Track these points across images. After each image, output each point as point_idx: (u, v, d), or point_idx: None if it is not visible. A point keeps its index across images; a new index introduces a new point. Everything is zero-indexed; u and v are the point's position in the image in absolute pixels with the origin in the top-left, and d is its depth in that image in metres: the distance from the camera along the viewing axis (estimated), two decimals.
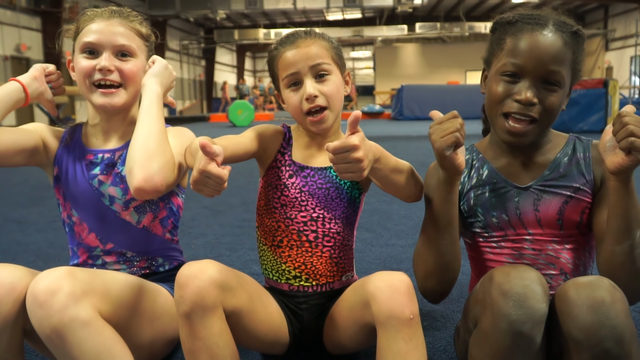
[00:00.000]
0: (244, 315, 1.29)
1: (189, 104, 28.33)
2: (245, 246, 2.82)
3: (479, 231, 1.33)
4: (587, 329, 0.98)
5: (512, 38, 1.22)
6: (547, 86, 1.20)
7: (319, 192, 1.46)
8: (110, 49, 1.39)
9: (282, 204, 1.47)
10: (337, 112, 1.45)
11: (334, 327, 1.40)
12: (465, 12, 25.83)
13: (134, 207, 1.44)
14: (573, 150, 1.29)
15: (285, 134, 1.52)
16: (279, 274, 1.49)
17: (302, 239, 1.46)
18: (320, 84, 1.41)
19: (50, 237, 3.14)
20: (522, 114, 1.20)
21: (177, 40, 26.30)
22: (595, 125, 9.39)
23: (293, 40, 1.43)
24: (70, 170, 1.46)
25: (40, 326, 1.10)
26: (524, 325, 1.00)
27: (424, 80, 25.05)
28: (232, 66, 34.78)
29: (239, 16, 26.04)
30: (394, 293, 1.16)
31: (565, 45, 1.20)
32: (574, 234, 1.26)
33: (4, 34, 14.85)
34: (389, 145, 3.02)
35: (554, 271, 1.25)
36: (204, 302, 1.16)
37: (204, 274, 1.17)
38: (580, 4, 24.84)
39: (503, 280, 1.04)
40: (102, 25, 1.39)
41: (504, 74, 1.22)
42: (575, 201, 1.25)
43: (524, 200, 1.28)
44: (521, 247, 1.28)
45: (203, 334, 1.17)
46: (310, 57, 1.40)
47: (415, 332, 1.17)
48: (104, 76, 1.38)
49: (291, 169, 1.48)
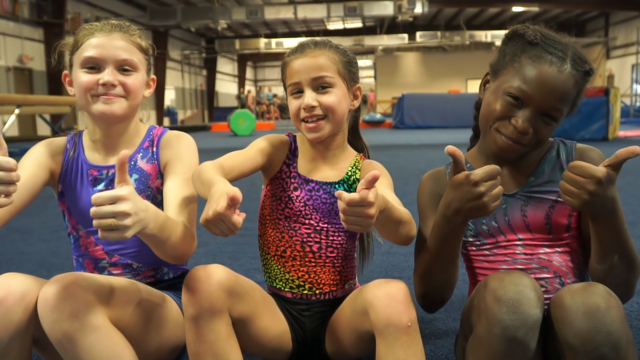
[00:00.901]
0: (250, 322, 1.31)
1: (191, 114, 28.40)
2: (247, 255, 2.83)
3: (471, 240, 1.35)
4: (582, 336, 0.99)
5: (528, 61, 1.21)
6: (545, 119, 1.22)
7: (323, 206, 1.46)
8: (112, 63, 1.38)
9: (286, 216, 1.47)
10: (336, 124, 1.44)
11: (335, 335, 1.41)
12: (465, 21, 25.92)
13: None
14: (557, 155, 1.31)
15: (291, 144, 1.53)
16: (282, 282, 1.49)
17: (305, 250, 1.46)
18: (321, 95, 1.41)
19: (53, 246, 3.15)
20: (514, 140, 1.22)
21: (178, 50, 26.40)
22: (597, 133, 9.41)
23: (302, 49, 1.44)
24: (75, 187, 1.46)
25: (52, 330, 1.12)
26: (518, 331, 1.01)
27: (425, 89, 25.11)
28: (234, 75, 34.89)
29: (240, 26, 26.16)
30: (392, 301, 1.17)
31: (574, 86, 1.21)
32: (564, 237, 1.28)
33: (7, 45, 14.94)
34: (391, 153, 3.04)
35: (547, 274, 1.27)
36: (212, 306, 1.18)
37: (213, 278, 1.19)
38: (581, 12, 24.93)
39: (497, 287, 1.05)
40: (104, 39, 1.38)
41: (509, 95, 1.22)
42: (560, 205, 1.27)
43: (512, 207, 1.29)
44: (513, 252, 1.29)
45: (209, 337, 1.19)
46: (314, 68, 1.40)
47: (413, 339, 1.17)
48: (107, 91, 1.37)
49: (296, 182, 1.48)
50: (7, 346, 1.15)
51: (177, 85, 26.78)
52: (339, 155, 1.52)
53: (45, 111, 11.29)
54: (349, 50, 1.50)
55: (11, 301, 1.14)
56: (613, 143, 9.10)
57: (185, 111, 27.82)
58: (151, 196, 1.46)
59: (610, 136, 9.60)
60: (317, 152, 1.50)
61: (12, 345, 1.15)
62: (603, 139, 9.42)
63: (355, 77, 1.49)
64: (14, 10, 15.06)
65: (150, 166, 1.47)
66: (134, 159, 1.47)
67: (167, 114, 24.47)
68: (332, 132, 1.45)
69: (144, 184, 1.45)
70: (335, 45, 1.47)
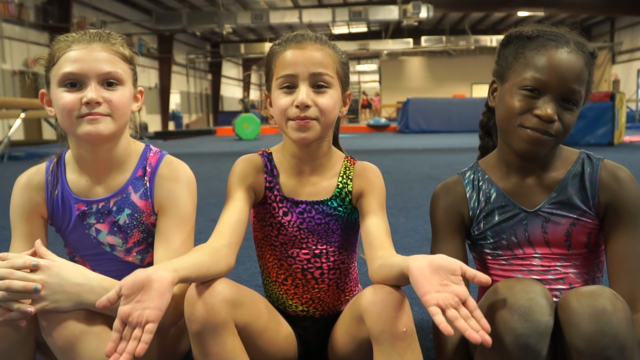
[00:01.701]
0: (254, 332, 1.27)
1: (196, 118, 28.46)
2: (252, 259, 2.81)
3: (488, 252, 1.32)
4: (588, 338, 0.98)
5: (533, 53, 1.20)
6: (566, 104, 1.19)
7: (319, 228, 1.38)
8: (95, 78, 1.24)
9: (281, 243, 1.41)
10: (325, 129, 1.33)
11: (337, 344, 1.38)
12: (470, 25, 25.91)
13: (136, 251, 1.40)
14: (582, 172, 1.26)
15: (266, 165, 1.41)
16: (285, 305, 1.46)
17: (307, 277, 1.41)
18: (317, 95, 1.29)
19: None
20: (541, 130, 1.18)
21: (183, 55, 26.48)
22: (602, 138, 9.37)
23: (300, 40, 1.31)
24: (66, 223, 1.38)
25: (52, 338, 1.11)
26: (530, 339, 1.00)
27: (430, 94, 25.08)
28: (239, 80, 34.96)
29: (245, 30, 26.23)
30: (386, 307, 1.13)
31: (585, 65, 1.19)
32: (582, 252, 1.26)
33: (13, 49, 15.00)
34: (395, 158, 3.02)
35: (563, 286, 1.25)
36: (215, 319, 1.13)
37: (215, 290, 1.15)
38: (587, 17, 24.89)
39: (508, 294, 1.04)
40: (83, 52, 1.24)
41: (524, 88, 1.19)
42: (582, 223, 1.24)
43: (533, 223, 1.27)
44: (530, 264, 1.27)
45: (215, 350, 1.15)
46: (314, 63, 1.28)
47: (409, 345, 1.14)
48: (92, 109, 1.23)
49: (284, 206, 1.39)
50: (12, 351, 1.14)
51: (182, 89, 26.84)
52: (326, 164, 1.41)
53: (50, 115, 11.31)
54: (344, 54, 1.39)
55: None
56: (619, 148, 9.06)
57: (191, 115, 27.87)
58: (146, 231, 1.39)
59: (616, 141, 9.55)
60: (303, 164, 1.39)
61: (17, 350, 1.14)
62: (609, 144, 9.38)
63: (348, 81, 1.39)
64: (20, 15, 15.13)
65: (143, 202, 1.36)
66: (126, 192, 1.36)
67: (172, 118, 24.52)
68: (319, 137, 1.34)
69: (137, 220, 1.37)
70: (334, 44, 1.36)
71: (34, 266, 1.06)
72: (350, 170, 1.42)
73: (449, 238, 1.32)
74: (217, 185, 5.38)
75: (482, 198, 1.32)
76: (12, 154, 9.57)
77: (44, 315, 1.10)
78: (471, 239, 1.36)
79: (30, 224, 1.35)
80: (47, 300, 1.06)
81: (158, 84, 23.26)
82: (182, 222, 1.34)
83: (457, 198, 1.34)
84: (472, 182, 1.34)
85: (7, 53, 14.82)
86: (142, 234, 1.39)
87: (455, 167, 6.50)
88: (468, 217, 1.33)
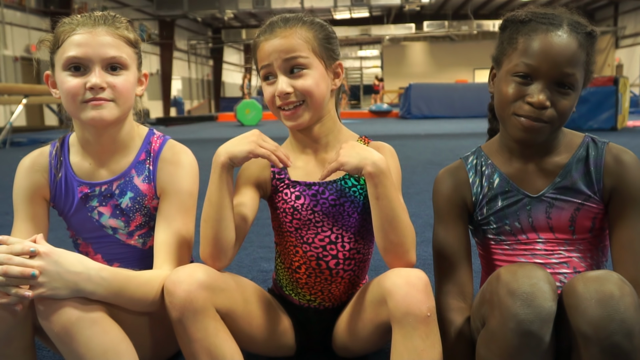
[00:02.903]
0: (240, 318, 1.27)
1: (197, 104, 28.40)
2: (254, 244, 2.82)
3: (491, 237, 1.32)
4: (595, 323, 0.97)
5: (525, 38, 1.18)
6: (560, 89, 1.17)
7: (333, 210, 1.37)
8: (99, 62, 1.25)
9: (296, 228, 1.39)
10: (316, 109, 1.32)
11: (345, 330, 1.37)
12: (473, 10, 25.70)
13: (138, 235, 1.41)
14: (586, 156, 1.25)
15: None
16: (293, 292, 1.45)
17: (321, 267, 1.39)
18: (295, 79, 1.29)
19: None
20: (534, 117, 1.17)
21: (185, 40, 26.36)
22: (605, 123, 9.33)
23: (271, 29, 1.30)
24: (68, 206, 1.39)
25: (49, 324, 1.11)
26: (533, 325, 0.99)
27: (432, 79, 24.95)
28: (240, 66, 34.81)
29: (247, 16, 26.05)
30: (411, 289, 1.13)
31: (579, 47, 1.16)
32: (586, 237, 1.25)
33: (14, 35, 14.95)
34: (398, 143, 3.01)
35: (567, 270, 1.24)
36: (193, 305, 1.15)
37: (191, 277, 1.16)
38: (590, 1, 24.68)
39: (510, 279, 1.03)
40: (87, 36, 1.24)
41: (516, 75, 1.18)
42: (586, 208, 1.23)
43: (536, 209, 1.26)
44: (533, 248, 1.27)
45: (198, 336, 1.16)
46: (285, 49, 1.27)
47: (432, 329, 1.14)
48: (96, 95, 1.25)
49: (297, 190, 1.38)
50: (10, 335, 1.14)
51: (184, 75, 26.76)
52: (334, 142, 1.40)
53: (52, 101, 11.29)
54: (327, 24, 1.36)
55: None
56: (622, 133, 9.03)
57: (192, 101, 27.81)
58: (148, 214, 1.40)
59: (619, 126, 9.52)
60: (308, 147, 1.40)
61: (14, 334, 1.15)
62: (612, 128, 9.34)
63: (334, 53, 1.36)
64: (21, 1, 15.06)
65: (146, 186, 1.38)
66: (129, 175, 1.37)
67: (174, 104, 24.47)
68: (314, 118, 1.34)
69: (140, 203, 1.38)
70: (309, 21, 1.33)
71: (32, 252, 1.06)
72: None
73: (451, 223, 1.32)
74: None
75: (485, 183, 1.31)
76: (14, 140, 9.57)
77: (41, 300, 1.10)
78: (474, 224, 1.35)
79: (32, 206, 1.37)
80: (44, 287, 1.07)
81: (159, 70, 23.18)
82: (183, 205, 1.35)
83: (459, 183, 1.33)
84: (474, 167, 1.34)
85: (9, 39, 14.76)
86: (144, 218, 1.40)
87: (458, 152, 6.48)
88: (471, 202, 1.33)
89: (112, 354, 1.14)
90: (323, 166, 1.38)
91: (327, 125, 1.39)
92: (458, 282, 1.29)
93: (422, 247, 2.58)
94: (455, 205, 1.32)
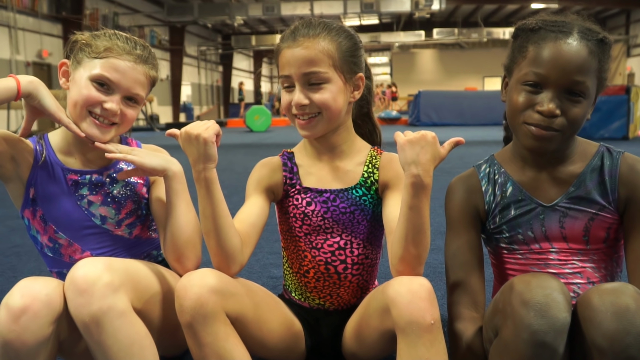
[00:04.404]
0: (250, 323, 1.26)
1: (207, 109, 28.51)
2: (264, 250, 2.81)
3: (504, 246, 1.31)
4: (611, 336, 0.96)
5: (534, 46, 1.18)
6: (571, 97, 1.16)
7: (343, 217, 1.38)
8: (123, 92, 1.32)
9: (305, 233, 1.40)
10: (332, 121, 1.33)
11: (353, 336, 1.37)
12: (483, 17, 25.68)
13: (126, 224, 1.42)
14: (601, 165, 1.23)
15: (285, 164, 1.42)
16: (302, 296, 1.46)
17: (330, 271, 1.40)
18: (313, 92, 1.29)
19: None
20: (544, 126, 1.16)
21: (195, 46, 26.49)
22: (617, 132, 9.27)
23: (294, 36, 1.30)
24: (53, 192, 1.37)
25: (79, 313, 1.12)
26: (547, 336, 0.98)
27: (441, 86, 24.94)
28: (249, 72, 34.96)
29: (256, 22, 26.17)
30: (414, 298, 1.12)
31: (590, 54, 1.15)
32: (600, 247, 1.24)
33: (26, 41, 15.08)
34: None
35: (580, 280, 1.23)
36: (203, 310, 1.14)
37: (202, 281, 1.16)
38: (602, 10, 24.59)
39: (524, 290, 1.02)
40: (128, 67, 1.32)
41: (526, 83, 1.18)
42: (600, 218, 1.22)
43: (550, 218, 1.24)
44: (546, 258, 1.25)
45: (207, 340, 1.16)
46: (305, 62, 1.27)
47: (436, 337, 1.13)
48: (106, 116, 1.32)
49: (308, 196, 1.39)
50: (37, 352, 1.13)
51: (194, 81, 26.88)
52: (347, 151, 1.41)
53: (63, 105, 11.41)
54: (354, 33, 1.36)
55: (37, 306, 1.12)
56: (634, 142, 8.96)
57: (202, 107, 27.92)
58: (138, 202, 1.44)
59: (631, 135, 9.45)
60: (323, 155, 1.41)
61: (39, 351, 1.13)
62: (623, 137, 9.28)
63: (356, 66, 1.35)
64: (33, 6, 15.20)
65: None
66: (118, 167, 1.42)
67: (184, 110, 24.58)
68: (328, 129, 1.35)
69: (132, 191, 1.42)
70: (335, 29, 1.31)
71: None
72: (377, 160, 1.42)
73: (463, 232, 1.30)
74: (227, 177, 5.38)
75: (498, 192, 1.30)
76: None
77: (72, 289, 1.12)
78: (486, 233, 1.34)
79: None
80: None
81: (169, 76, 23.30)
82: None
83: (472, 191, 1.32)
84: (487, 175, 1.32)
85: (21, 44, 14.89)
86: (134, 205, 1.43)
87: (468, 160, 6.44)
88: (483, 211, 1.31)
89: (137, 347, 1.15)
90: (336, 174, 1.39)
91: (342, 135, 1.40)
92: (470, 291, 1.28)
93: (432, 255, 2.56)
94: (467, 213, 1.31)
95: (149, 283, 1.27)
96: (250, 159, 6.22)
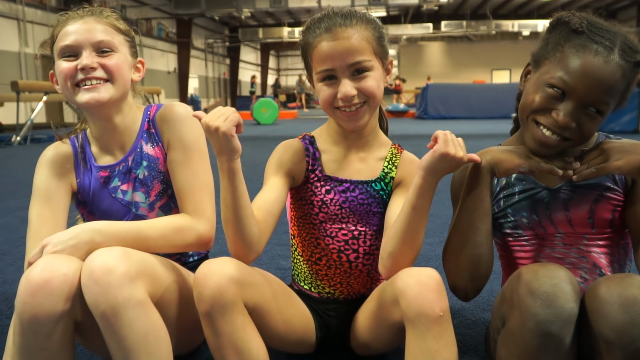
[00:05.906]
0: (267, 313, 1.26)
1: (214, 102, 28.53)
2: (272, 241, 2.82)
3: (509, 232, 1.31)
4: (618, 328, 0.96)
5: (571, 50, 1.13)
6: (589, 111, 1.14)
7: (361, 208, 1.38)
8: (89, 47, 1.32)
9: (321, 221, 1.40)
10: (374, 108, 1.33)
11: (362, 328, 1.38)
12: (492, 10, 25.50)
13: (159, 206, 1.45)
14: None
15: (307, 149, 1.40)
16: (312, 285, 1.46)
17: (342, 260, 1.41)
18: (358, 81, 1.27)
19: None
20: (553, 130, 1.15)
21: (202, 39, 26.48)
22: (628, 125, 9.21)
23: (330, 28, 1.26)
24: (93, 191, 1.44)
25: (96, 302, 1.12)
26: (553, 325, 0.98)
27: (450, 79, 24.83)
28: (257, 64, 34.90)
29: (264, 15, 26.11)
30: (423, 289, 1.12)
31: (622, 77, 1.12)
32: (606, 232, 1.24)
33: (35, 33, 15.13)
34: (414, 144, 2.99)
35: (587, 265, 1.23)
36: (222, 299, 1.14)
37: (222, 270, 1.16)
38: (613, 1, 24.35)
39: (531, 279, 1.02)
40: (77, 25, 1.33)
41: (550, 86, 1.15)
42: (605, 199, 1.22)
43: (554, 201, 1.25)
44: (552, 242, 1.26)
45: (225, 330, 1.16)
46: (350, 53, 1.25)
47: (445, 329, 1.13)
48: (87, 75, 1.31)
49: (327, 185, 1.38)
50: (51, 329, 1.14)
51: (201, 73, 26.88)
52: (372, 143, 1.42)
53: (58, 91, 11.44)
54: (378, 21, 1.35)
55: (56, 283, 1.12)
56: None
57: (209, 100, 27.94)
58: (164, 181, 1.44)
59: None
60: (349, 142, 1.40)
61: (56, 328, 1.14)
62: (634, 131, 9.21)
63: (387, 50, 1.34)
64: None
65: (156, 149, 1.43)
66: (139, 146, 1.43)
67: (191, 102, 24.58)
68: (371, 117, 1.35)
69: (155, 170, 1.43)
70: (365, 16, 1.30)
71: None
72: (397, 158, 1.43)
73: None
74: None
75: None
76: (34, 136, 9.69)
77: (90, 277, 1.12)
78: (493, 220, 1.34)
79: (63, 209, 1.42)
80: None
81: (177, 69, 23.31)
82: (188, 150, 1.38)
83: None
84: None
85: (30, 37, 14.95)
86: (162, 185, 1.44)
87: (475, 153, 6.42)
88: None
89: (152, 338, 1.15)
90: (357, 165, 1.40)
91: (371, 125, 1.40)
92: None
93: (440, 247, 2.57)
94: None
95: (164, 275, 1.27)
96: (257, 151, 6.22)
